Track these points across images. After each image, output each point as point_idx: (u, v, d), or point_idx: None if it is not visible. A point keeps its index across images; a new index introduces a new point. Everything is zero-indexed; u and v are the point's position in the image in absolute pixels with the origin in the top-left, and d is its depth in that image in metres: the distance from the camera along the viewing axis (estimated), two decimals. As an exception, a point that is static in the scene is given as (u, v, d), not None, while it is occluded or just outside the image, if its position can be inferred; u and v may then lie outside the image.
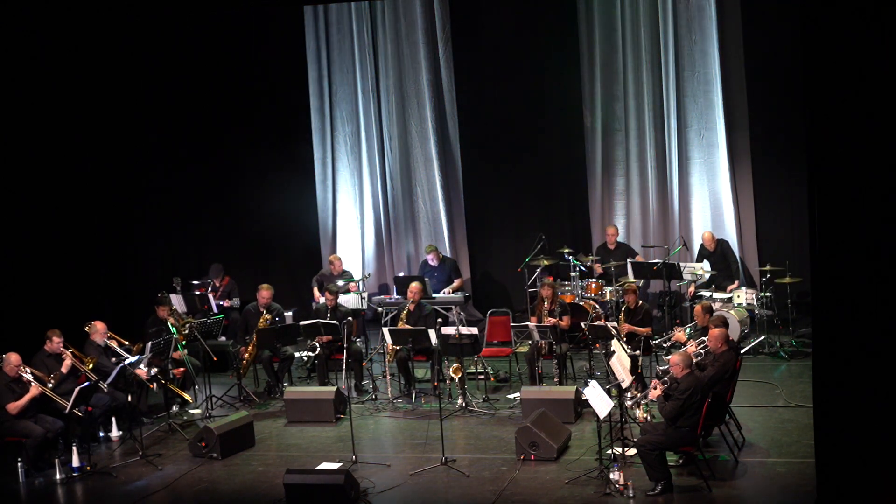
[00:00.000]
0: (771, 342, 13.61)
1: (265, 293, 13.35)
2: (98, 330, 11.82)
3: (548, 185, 16.45)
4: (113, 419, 11.72)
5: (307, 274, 16.05)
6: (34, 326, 11.71)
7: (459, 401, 12.09)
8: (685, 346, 11.02)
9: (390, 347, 12.56)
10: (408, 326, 12.73)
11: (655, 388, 9.52)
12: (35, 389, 10.73)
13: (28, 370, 10.86)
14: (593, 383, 10.06)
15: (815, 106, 7.54)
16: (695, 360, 10.01)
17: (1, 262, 13.24)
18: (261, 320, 13.08)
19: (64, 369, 11.18)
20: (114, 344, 11.86)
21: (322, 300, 13.91)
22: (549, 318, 12.54)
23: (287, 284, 16.11)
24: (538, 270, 14.76)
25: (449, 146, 16.47)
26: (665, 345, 12.18)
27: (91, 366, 11.38)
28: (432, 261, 15.46)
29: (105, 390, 11.21)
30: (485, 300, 16.24)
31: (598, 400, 9.78)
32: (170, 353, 12.04)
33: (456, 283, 15.40)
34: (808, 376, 10.71)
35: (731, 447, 10.06)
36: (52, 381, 10.95)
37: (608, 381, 11.06)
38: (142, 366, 11.69)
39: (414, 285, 13.16)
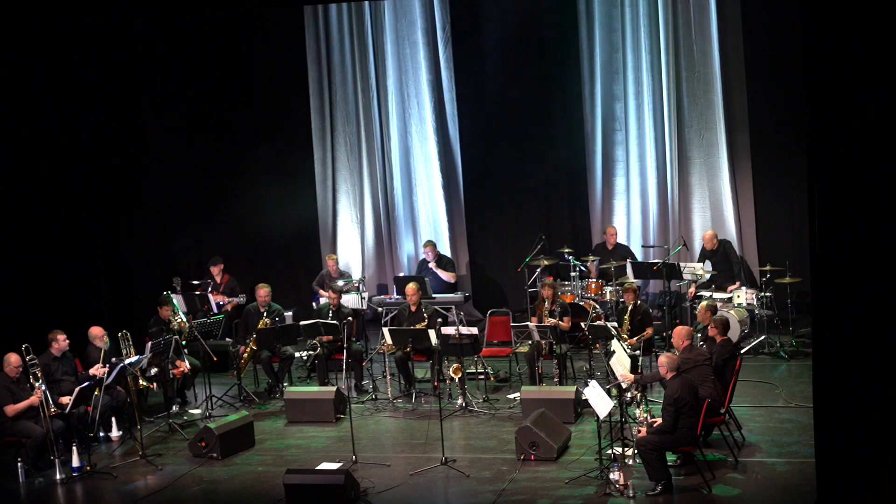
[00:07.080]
0: (771, 342, 13.60)
1: (263, 292, 13.34)
2: (96, 335, 11.81)
3: (548, 185, 16.44)
4: (113, 419, 11.73)
5: (307, 274, 16.04)
6: (35, 327, 11.70)
7: (459, 401, 12.09)
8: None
9: (387, 346, 12.52)
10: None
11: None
12: (35, 398, 10.68)
13: (37, 373, 10.79)
14: (593, 383, 10.08)
15: (815, 105, 7.53)
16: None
17: (1, 262, 13.22)
18: (260, 322, 13.07)
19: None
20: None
21: (326, 298, 13.89)
22: (550, 319, 12.54)
23: (287, 284, 16.11)
24: (538, 270, 14.75)
25: (449, 146, 16.47)
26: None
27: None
28: (428, 256, 15.45)
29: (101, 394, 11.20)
30: (485, 300, 16.23)
31: (598, 400, 9.80)
32: (170, 353, 12.03)
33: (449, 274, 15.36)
34: (808, 376, 10.71)
35: (731, 447, 10.06)
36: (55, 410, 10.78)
37: (608, 381, 11.06)
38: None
39: (410, 287, 13.08)
